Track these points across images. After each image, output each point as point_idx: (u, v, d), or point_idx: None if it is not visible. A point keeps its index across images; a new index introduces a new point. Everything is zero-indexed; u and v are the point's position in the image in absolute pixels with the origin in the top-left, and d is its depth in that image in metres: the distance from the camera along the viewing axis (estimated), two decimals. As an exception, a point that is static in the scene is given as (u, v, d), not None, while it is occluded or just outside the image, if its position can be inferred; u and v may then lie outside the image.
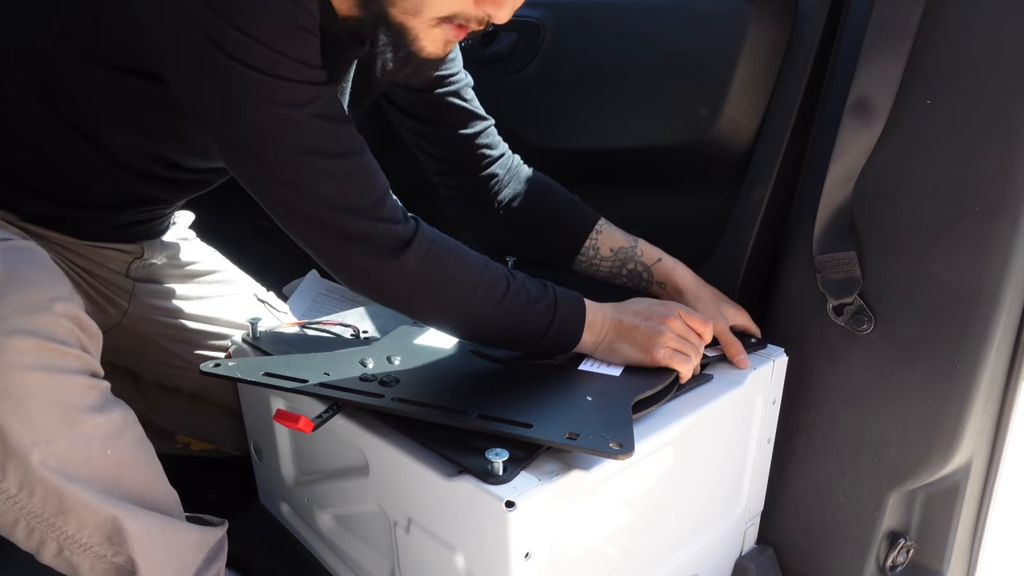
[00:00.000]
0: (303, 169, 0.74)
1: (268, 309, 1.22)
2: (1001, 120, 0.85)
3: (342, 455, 0.91)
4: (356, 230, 0.76)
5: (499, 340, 0.88)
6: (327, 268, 0.81)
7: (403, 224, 0.79)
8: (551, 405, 0.80)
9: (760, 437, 1.01)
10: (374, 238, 0.77)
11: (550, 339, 0.87)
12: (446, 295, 0.82)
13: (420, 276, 0.80)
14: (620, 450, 0.70)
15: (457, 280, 0.82)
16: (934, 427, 0.95)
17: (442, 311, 0.84)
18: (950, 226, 0.90)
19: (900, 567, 1.05)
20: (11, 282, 0.67)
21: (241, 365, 0.92)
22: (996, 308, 0.88)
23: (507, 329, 0.85)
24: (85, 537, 0.74)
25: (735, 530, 1.06)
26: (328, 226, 0.76)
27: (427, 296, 0.82)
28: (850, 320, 0.98)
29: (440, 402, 0.80)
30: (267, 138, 0.72)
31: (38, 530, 0.73)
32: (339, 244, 0.77)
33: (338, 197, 0.75)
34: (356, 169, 0.77)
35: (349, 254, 0.77)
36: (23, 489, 0.69)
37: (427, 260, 0.79)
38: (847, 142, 0.93)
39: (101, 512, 0.74)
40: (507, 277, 0.84)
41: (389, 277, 0.79)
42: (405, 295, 0.81)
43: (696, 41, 1.12)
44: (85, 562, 0.76)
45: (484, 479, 0.70)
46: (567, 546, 0.76)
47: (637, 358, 0.89)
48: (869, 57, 0.90)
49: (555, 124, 1.32)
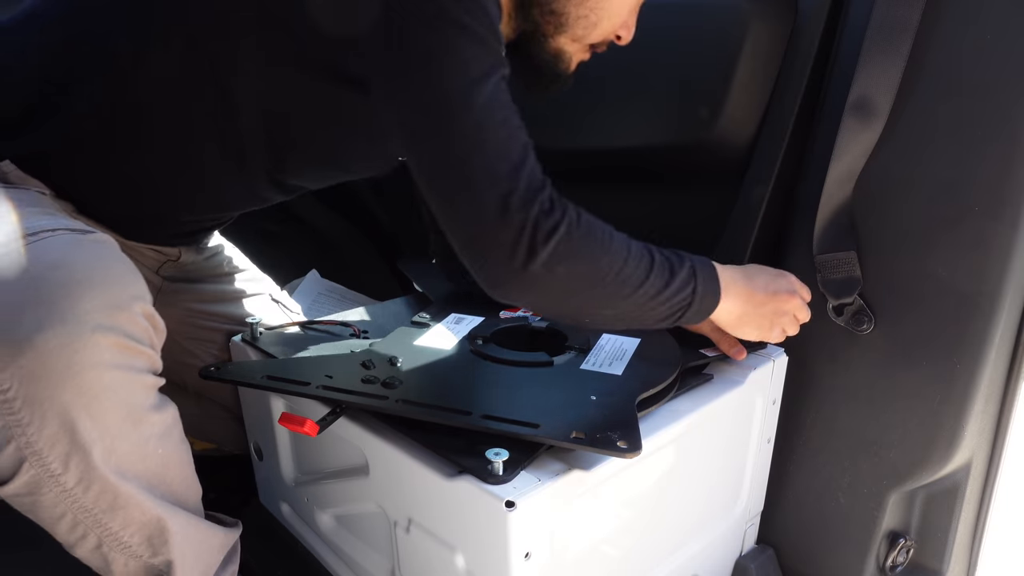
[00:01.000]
0: (493, 131, 0.72)
1: (282, 309, 1.23)
2: (1001, 120, 0.85)
3: (342, 455, 0.91)
4: (520, 198, 0.72)
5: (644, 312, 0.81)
6: (475, 237, 0.73)
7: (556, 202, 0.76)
8: (556, 405, 0.80)
9: (760, 437, 1.01)
10: (534, 206, 0.73)
11: (691, 312, 0.82)
12: (596, 270, 0.77)
13: (574, 246, 0.74)
14: (628, 448, 0.70)
15: (605, 255, 0.77)
16: (934, 427, 0.95)
17: (593, 284, 0.77)
18: (950, 226, 0.90)
19: (900, 567, 1.05)
20: (94, 278, 0.66)
21: (242, 368, 0.92)
22: (996, 308, 0.89)
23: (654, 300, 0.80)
24: (127, 536, 0.74)
25: (735, 530, 1.06)
26: (501, 191, 0.72)
27: (583, 264, 0.76)
28: (850, 320, 0.98)
29: (444, 403, 0.80)
30: (464, 97, 0.71)
31: (83, 525, 0.72)
32: (503, 211, 0.72)
33: (517, 163, 0.73)
34: (526, 144, 0.76)
35: (509, 221, 0.72)
36: (80, 483, 0.69)
37: (579, 230, 0.75)
38: (847, 142, 0.93)
39: (148, 512, 0.74)
40: (650, 250, 0.80)
41: (544, 249, 0.73)
42: (562, 272, 0.75)
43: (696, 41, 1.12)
44: (120, 559, 0.76)
45: (484, 479, 0.70)
46: (567, 546, 0.76)
47: (754, 336, 0.90)
48: (869, 57, 0.91)
49: (555, 124, 1.31)
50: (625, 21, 0.92)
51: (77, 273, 0.66)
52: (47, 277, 0.64)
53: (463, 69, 0.71)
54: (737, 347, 0.95)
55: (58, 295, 0.64)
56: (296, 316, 1.25)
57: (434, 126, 0.72)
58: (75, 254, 0.67)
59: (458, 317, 1.06)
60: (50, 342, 0.63)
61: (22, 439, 0.65)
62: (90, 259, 0.68)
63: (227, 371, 0.89)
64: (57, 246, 0.67)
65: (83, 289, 0.65)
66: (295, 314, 1.25)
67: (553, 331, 1.01)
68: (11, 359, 0.62)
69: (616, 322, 0.83)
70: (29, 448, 0.66)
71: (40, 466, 0.67)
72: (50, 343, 0.63)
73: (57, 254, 0.66)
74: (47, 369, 0.63)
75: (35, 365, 0.63)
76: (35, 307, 0.63)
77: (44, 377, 0.63)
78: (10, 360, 0.62)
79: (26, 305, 0.63)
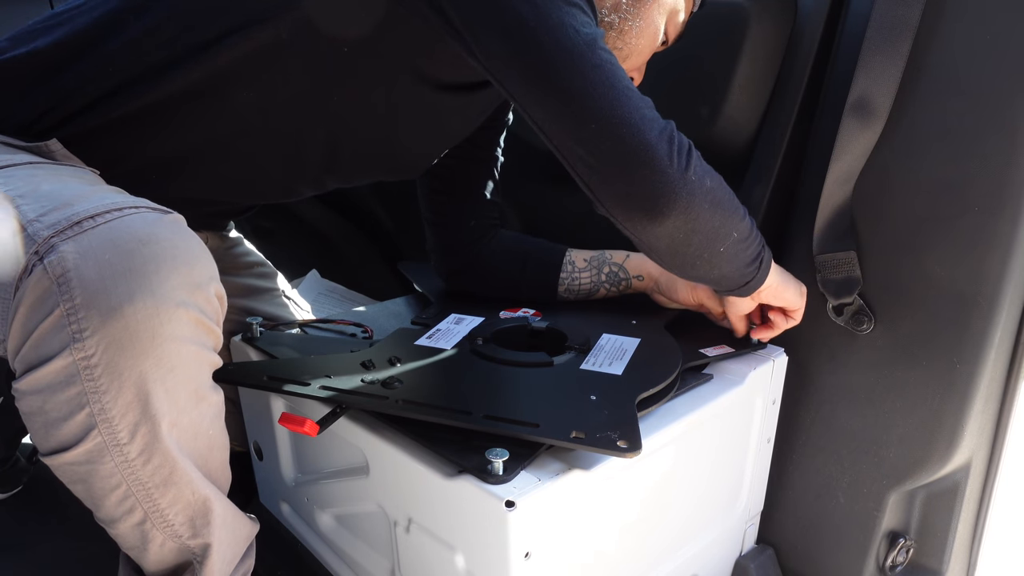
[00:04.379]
0: (618, 77, 0.77)
1: (294, 307, 1.23)
2: (1000, 120, 0.85)
3: (342, 455, 0.91)
4: (664, 122, 0.79)
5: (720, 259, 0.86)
6: (638, 151, 0.77)
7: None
8: (555, 405, 0.80)
9: (760, 437, 1.01)
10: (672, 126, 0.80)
11: (764, 264, 0.90)
12: (723, 188, 0.83)
13: (701, 189, 0.80)
14: (628, 448, 0.70)
15: (724, 206, 0.83)
16: (934, 427, 0.95)
17: (709, 232, 0.83)
18: (950, 226, 0.90)
19: (900, 567, 1.05)
20: (179, 256, 0.68)
21: (242, 368, 0.92)
22: (996, 308, 0.89)
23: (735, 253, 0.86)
24: (172, 514, 0.75)
25: (735, 530, 1.06)
26: (652, 115, 0.78)
27: (704, 210, 0.81)
28: (850, 320, 0.98)
29: (444, 403, 0.80)
30: (583, 50, 0.76)
31: (133, 498, 0.72)
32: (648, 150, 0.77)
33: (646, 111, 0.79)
34: None
35: (667, 133, 0.78)
36: (142, 455, 0.69)
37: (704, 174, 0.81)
38: (847, 142, 0.93)
39: (198, 491, 0.75)
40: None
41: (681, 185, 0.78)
42: (708, 184, 0.80)
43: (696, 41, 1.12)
44: (159, 538, 0.76)
45: (484, 479, 0.70)
46: (567, 546, 0.76)
47: (797, 306, 0.95)
48: (869, 57, 0.91)
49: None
50: (640, 66, 1.00)
51: (165, 250, 0.67)
52: (138, 251, 0.66)
53: (579, 28, 0.76)
54: (743, 329, 1.00)
55: (149, 269, 0.65)
56: (307, 315, 1.25)
57: (556, 84, 0.76)
58: (161, 231, 0.68)
59: (458, 317, 1.06)
60: (139, 312, 0.64)
61: (96, 406, 0.66)
62: (175, 237, 0.69)
63: (227, 371, 0.89)
64: (145, 222, 0.68)
65: (170, 265, 0.67)
66: (306, 312, 1.26)
67: (553, 331, 1.01)
68: (101, 325, 0.63)
69: (725, 263, 0.86)
70: (102, 415, 0.66)
71: (108, 433, 0.67)
72: (139, 313, 0.64)
73: (147, 229, 0.67)
74: (133, 338, 0.64)
75: (122, 333, 0.64)
76: (127, 278, 0.64)
77: (129, 346, 0.64)
78: (100, 326, 0.63)
79: (118, 276, 0.64)
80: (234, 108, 0.87)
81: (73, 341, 0.63)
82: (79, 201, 0.68)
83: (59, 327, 0.63)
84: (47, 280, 0.63)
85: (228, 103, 0.86)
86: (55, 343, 0.64)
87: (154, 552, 0.78)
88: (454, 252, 1.19)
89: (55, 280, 0.63)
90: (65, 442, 0.68)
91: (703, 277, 0.89)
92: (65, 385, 0.65)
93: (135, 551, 0.79)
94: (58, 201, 0.68)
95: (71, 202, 0.68)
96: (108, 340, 0.64)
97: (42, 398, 0.66)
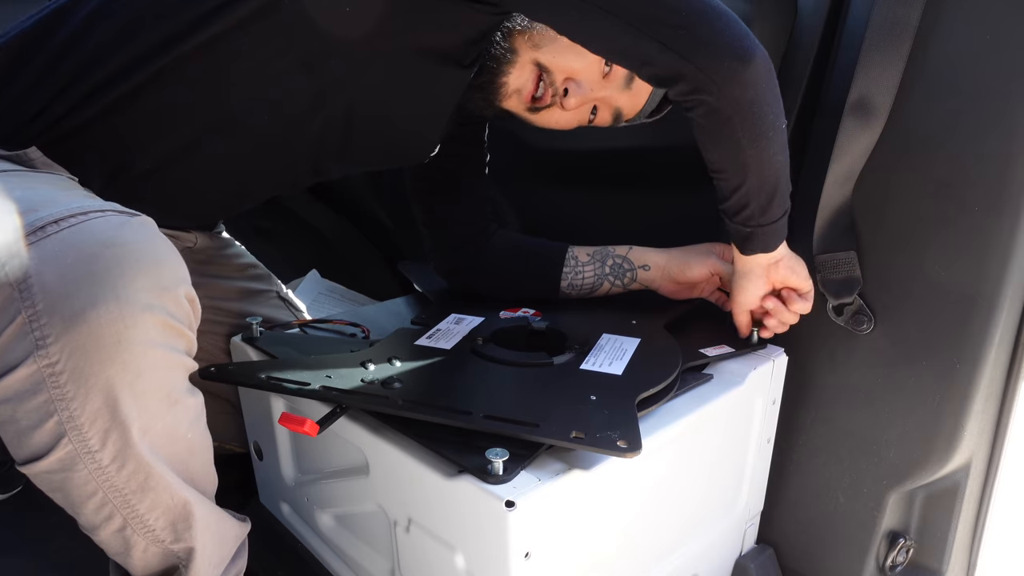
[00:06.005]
0: None
1: (290, 309, 1.23)
2: (1000, 120, 0.85)
3: (342, 455, 0.91)
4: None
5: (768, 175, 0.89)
6: (708, 44, 0.82)
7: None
8: (555, 405, 0.80)
9: (760, 437, 1.01)
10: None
11: (782, 227, 0.93)
12: (776, 77, 0.86)
13: (764, 82, 0.84)
14: (628, 448, 0.70)
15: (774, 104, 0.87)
16: (934, 427, 0.95)
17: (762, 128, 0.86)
18: (950, 226, 0.90)
19: (900, 567, 1.05)
20: (144, 258, 0.67)
21: (242, 368, 0.92)
22: (996, 308, 0.89)
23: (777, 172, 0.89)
24: (152, 519, 0.74)
25: (735, 530, 1.06)
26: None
27: (766, 103, 0.86)
28: (850, 320, 0.98)
29: (444, 403, 0.80)
30: None
31: (111, 505, 0.72)
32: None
33: None
34: None
35: (732, 24, 0.82)
36: (115, 461, 0.69)
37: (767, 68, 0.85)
38: (847, 142, 0.93)
39: (177, 496, 0.74)
40: None
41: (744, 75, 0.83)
42: (765, 69, 0.84)
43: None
44: (141, 543, 0.76)
45: (484, 479, 0.70)
46: (567, 546, 0.76)
47: (807, 288, 0.96)
48: (869, 57, 0.91)
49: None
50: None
51: (130, 253, 0.66)
52: (101, 255, 0.65)
53: None
54: (747, 324, 1.01)
55: (113, 273, 0.65)
56: (303, 316, 1.25)
57: None
58: (126, 234, 0.68)
59: (458, 317, 1.06)
60: (102, 317, 0.63)
61: (64, 413, 0.65)
62: (140, 240, 0.69)
63: (227, 371, 0.89)
64: (109, 225, 0.68)
65: (135, 268, 0.66)
66: (302, 313, 1.25)
67: (553, 331, 1.01)
68: (64, 332, 0.63)
69: (779, 153, 0.88)
70: (71, 423, 0.66)
71: (79, 441, 0.67)
72: (102, 318, 0.63)
73: (111, 233, 0.67)
74: (97, 344, 0.64)
75: (86, 339, 0.63)
76: (90, 283, 0.64)
77: (94, 352, 0.64)
78: (62, 333, 0.63)
79: (81, 281, 0.64)
80: (230, 80, 0.86)
81: (37, 348, 0.63)
82: (45, 206, 0.67)
83: (22, 335, 0.63)
84: (8, 287, 0.63)
85: (223, 76, 0.86)
86: (19, 351, 0.63)
87: (138, 557, 0.77)
88: (451, 251, 1.19)
89: (16, 287, 0.62)
90: (37, 451, 0.67)
91: (766, 162, 0.88)
92: (32, 393, 0.64)
93: (120, 557, 0.78)
94: (24, 207, 0.67)
95: (36, 208, 0.67)
96: (72, 346, 0.63)
97: (11, 407, 0.66)
